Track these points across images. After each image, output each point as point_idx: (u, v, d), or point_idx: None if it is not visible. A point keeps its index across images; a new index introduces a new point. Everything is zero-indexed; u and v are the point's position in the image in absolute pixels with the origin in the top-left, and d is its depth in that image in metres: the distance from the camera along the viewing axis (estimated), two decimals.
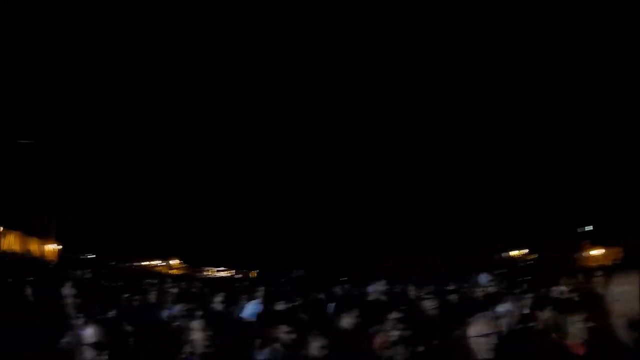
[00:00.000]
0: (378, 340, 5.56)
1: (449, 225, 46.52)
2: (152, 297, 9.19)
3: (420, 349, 5.05)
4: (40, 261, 21.99)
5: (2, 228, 45.18)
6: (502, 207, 44.01)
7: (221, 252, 65.50)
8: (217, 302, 7.94)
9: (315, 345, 4.59)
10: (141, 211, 61.33)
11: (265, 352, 5.02)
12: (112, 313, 6.01)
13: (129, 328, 4.51)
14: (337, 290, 14.27)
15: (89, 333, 2.92)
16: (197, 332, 4.51)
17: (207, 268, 67.53)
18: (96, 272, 16.13)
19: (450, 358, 4.59)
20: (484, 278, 11.20)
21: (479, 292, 9.71)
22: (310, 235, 52.85)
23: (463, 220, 46.67)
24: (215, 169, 56.15)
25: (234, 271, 67.68)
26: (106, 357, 2.84)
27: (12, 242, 49.03)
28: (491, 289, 9.61)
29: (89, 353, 2.82)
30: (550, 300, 6.27)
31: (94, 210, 57.08)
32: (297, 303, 8.86)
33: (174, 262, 69.04)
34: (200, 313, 7.24)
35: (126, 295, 8.16)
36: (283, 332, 5.03)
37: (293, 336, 4.92)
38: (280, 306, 7.90)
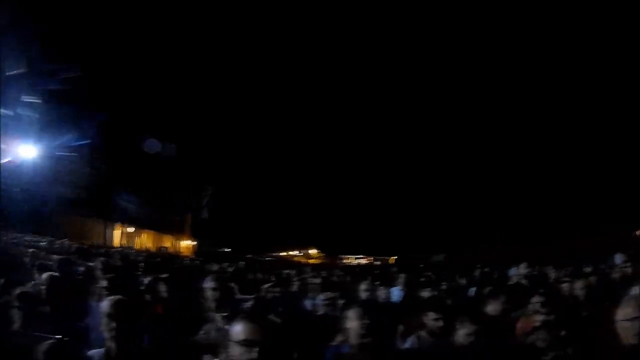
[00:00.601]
0: (521, 325, 5.35)
1: (579, 207, 44.29)
2: (294, 287, 9.28)
3: (563, 333, 4.78)
4: (175, 257, 22.57)
5: (133, 229, 48.12)
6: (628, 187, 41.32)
7: (359, 240, 66.00)
8: (362, 290, 7.60)
9: (462, 333, 4.42)
10: (277, 203, 62.80)
11: (411, 339, 4.90)
12: (255, 306, 6.07)
13: (275, 320, 4.45)
14: (477, 274, 13.93)
15: (236, 329, 2.77)
16: (349, 321, 4.32)
17: (345, 256, 68.17)
18: (235, 265, 16.42)
19: (596, 343, 4.28)
20: (619, 258, 10.92)
21: (616, 274, 9.14)
22: (449, 220, 52.08)
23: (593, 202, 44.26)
24: (351, 159, 56.47)
25: (372, 258, 68.00)
26: (255, 354, 2.65)
27: (145, 240, 52.00)
28: (628, 270, 9.00)
29: (235, 349, 2.71)
30: None
31: (230, 204, 59.03)
32: (442, 288, 8.65)
33: (312, 252, 70.33)
34: (343, 302, 7.26)
35: (267, 286, 8.20)
36: (430, 319, 4.88)
37: (440, 323, 4.75)
38: (425, 293, 7.66)
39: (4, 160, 27.58)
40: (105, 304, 3.63)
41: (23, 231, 22.64)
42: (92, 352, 3.59)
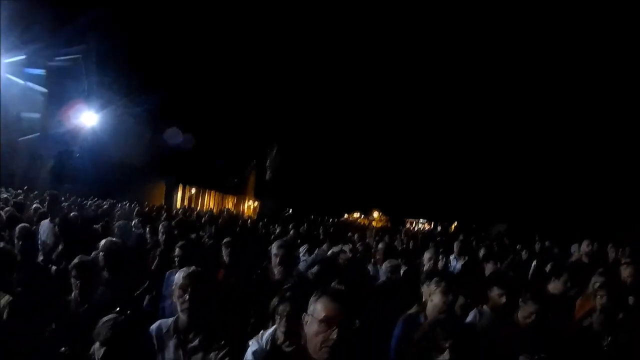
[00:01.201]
0: (580, 305, 5.42)
1: None
2: (358, 252, 9.19)
3: (620, 316, 4.74)
4: (238, 218, 22.58)
5: (193, 190, 48.42)
6: None
7: (421, 203, 65.43)
8: (426, 259, 7.38)
9: (524, 311, 4.39)
10: (341, 164, 62.52)
11: (473, 313, 4.86)
12: (320, 272, 6.09)
13: (338, 287, 4.45)
14: (537, 247, 13.68)
15: (317, 306, 2.71)
16: (432, 294, 4.36)
17: (407, 220, 67.74)
18: (298, 227, 16.39)
19: None
20: None
21: None
22: (513, 189, 50.81)
23: None
24: (417, 120, 55.51)
25: (433, 223, 67.49)
26: (335, 333, 2.59)
27: (209, 201, 52.41)
28: None
29: (314, 326, 2.67)
30: None
31: (293, 165, 59.08)
32: (505, 262, 8.53)
33: (374, 214, 70.19)
34: (405, 269, 7.25)
35: (332, 252, 8.19)
36: (494, 294, 4.81)
37: (503, 300, 4.72)
38: (489, 265, 7.54)
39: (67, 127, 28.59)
40: (178, 276, 3.66)
41: (86, 196, 23.03)
42: (161, 322, 3.64)
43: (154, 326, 3.59)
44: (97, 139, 30.42)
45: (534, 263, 9.09)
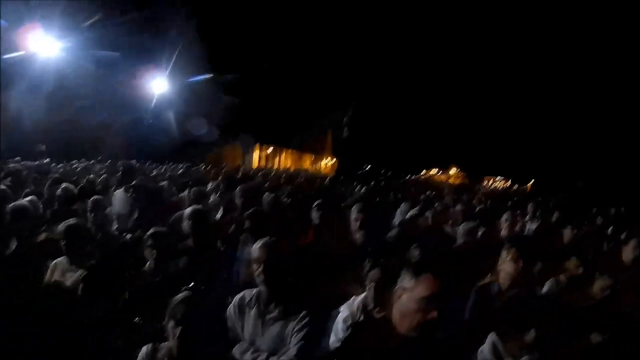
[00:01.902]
0: None
1: None
2: (436, 213, 8.96)
3: None
4: (316, 177, 22.09)
5: (270, 150, 48.15)
6: None
7: (499, 160, 63.86)
8: (503, 222, 7.14)
9: (599, 284, 4.32)
10: (418, 120, 61.38)
11: (550, 283, 4.82)
12: (398, 236, 6.04)
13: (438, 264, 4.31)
14: (612, 212, 13.26)
15: (412, 284, 2.61)
16: (503, 262, 4.16)
17: (484, 177, 66.36)
18: (375, 185, 16.10)
19: None
20: None
21: None
22: (591, 146, 48.73)
23: None
24: (495, 78, 53.74)
25: (509, 181, 66.01)
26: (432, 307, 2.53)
27: (285, 160, 51.90)
28: None
29: (406, 302, 2.60)
30: None
31: (371, 122, 58.14)
32: (583, 229, 8.31)
33: (452, 171, 69.08)
34: (483, 231, 7.14)
35: (410, 214, 8.07)
36: (571, 265, 4.81)
37: (580, 271, 4.70)
38: (567, 232, 7.27)
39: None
40: (254, 248, 3.55)
41: (161, 161, 22.88)
42: (245, 292, 3.58)
43: (237, 296, 3.57)
44: (169, 104, 30.39)
45: (610, 230, 8.90)
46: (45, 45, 21.19)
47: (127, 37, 25.32)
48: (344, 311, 3.75)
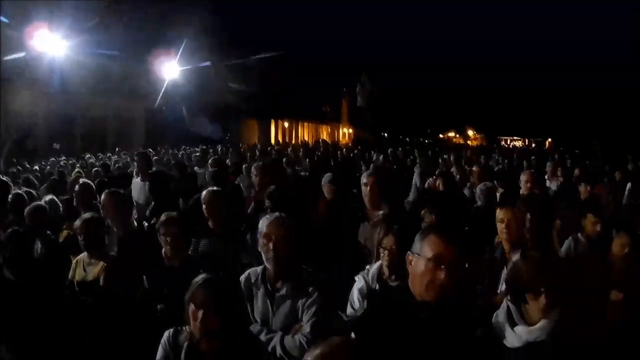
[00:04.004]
0: None
1: None
2: (453, 175, 8.57)
3: None
4: (334, 147, 21.90)
5: (286, 124, 47.46)
6: None
7: (516, 120, 63.36)
8: (523, 182, 6.66)
9: (618, 243, 4.07)
10: (433, 83, 60.75)
11: (568, 242, 4.70)
12: (418, 200, 5.86)
13: (446, 224, 4.15)
14: (631, 168, 12.89)
15: (424, 244, 2.48)
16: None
17: (502, 137, 65.72)
18: (393, 152, 15.90)
19: None
20: None
21: None
22: (607, 105, 47.99)
23: None
24: (509, 34, 53.12)
25: (526, 140, 65.33)
26: (443, 272, 2.38)
27: (303, 132, 51.61)
28: None
29: (421, 264, 2.46)
30: None
31: (386, 87, 57.59)
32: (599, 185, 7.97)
33: (469, 132, 68.48)
34: (502, 192, 6.95)
35: (430, 180, 7.91)
36: (589, 222, 4.62)
37: (598, 228, 4.53)
38: (582, 188, 7.08)
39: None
40: (261, 223, 3.41)
41: (177, 147, 22.85)
42: (250, 271, 3.48)
43: (243, 276, 3.46)
44: (181, 89, 30.08)
45: (629, 185, 8.64)
46: (55, 41, 21.19)
47: (139, 24, 25.24)
48: (359, 281, 3.66)
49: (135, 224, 5.73)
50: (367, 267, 3.77)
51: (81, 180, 7.01)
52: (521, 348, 2.47)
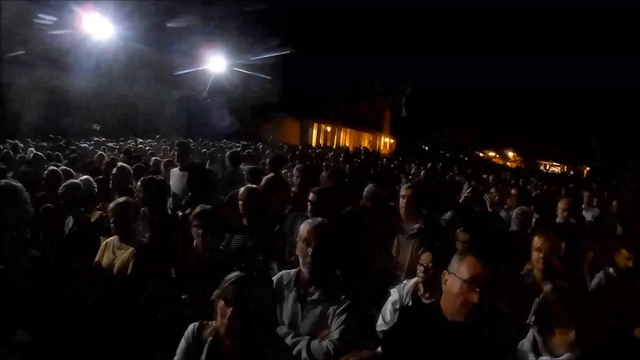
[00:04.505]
0: None
1: None
2: (491, 196, 8.69)
3: None
4: (375, 156, 21.63)
5: (329, 128, 47.25)
6: None
7: (555, 146, 62.33)
8: (560, 209, 6.73)
9: None
10: (475, 100, 60.06)
11: (599, 276, 4.62)
12: (453, 219, 5.88)
13: (485, 247, 4.10)
14: None
15: (462, 266, 2.51)
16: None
17: (541, 162, 64.79)
18: (431, 166, 15.83)
19: None
20: None
21: None
22: None
23: None
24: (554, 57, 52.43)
25: (565, 166, 64.29)
26: (476, 294, 2.40)
27: (344, 138, 51.25)
28: None
29: (457, 285, 2.51)
30: None
31: (429, 102, 57.10)
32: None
33: (509, 154, 67.62)
34: (537, 217, 6.89)
35: (466, 194, 7.87)
36: (622, 258, 4.55)
37: (630, 264, 4.47)
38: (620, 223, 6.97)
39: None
40: (303, 227, 3.37)
41: (218, 138, 22.85)
42: (283, 273, 3.47)
43: (275, 277, 3.45)
44: (226, 82, 30.26)
45: None
46: (100, 26, 21.53)
47: (186, 16, 25.43)
48: (393, 294, 3.69)
49: (170, 212, 5.81)
50: (404, 281, 3.79)
51: (119, 164, 7.09)
52: None
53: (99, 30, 21.57)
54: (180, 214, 5.93)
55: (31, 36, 19.01)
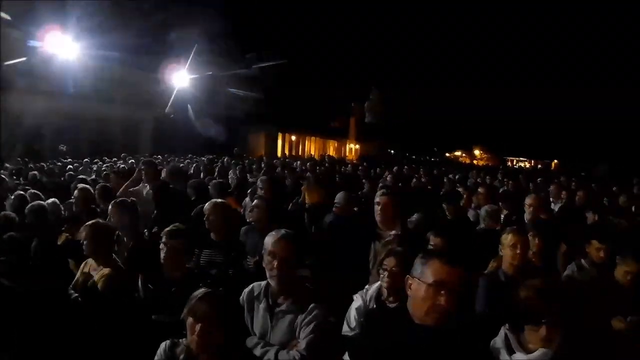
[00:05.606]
0: None
1: None
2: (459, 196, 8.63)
3: None
4: (341, 163, 21.90)
5: (294, 137, 47.23)
6: None
7: (522, 141, 63.39)
8: (527, 205, 6.63)
9: (622, 270, 4.08)
10: (441, 101, 60.87)
11: (572, 267, 4.59)
12: (420, 221, 5.81)
13: (448, 249, 4.09)
14: (637, 190, 12.86)
15: (426, 269, 2.46)
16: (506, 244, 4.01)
17: (508, 158, 65.75)
18: (398, 170, 15.89)
19: None
20: None
21: None
22: (615, 128, 47.88)
23: None
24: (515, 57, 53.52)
25: (532, 161, 65.30)
26: (444, 298, 2.37)
27: (310, 146, 51.17)
28: None
29: (421, 289, 2.43)
30: None
31: (394, 106, 57.64)
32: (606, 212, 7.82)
33: (476, 152, 68.45)
34: (506, 213, 6.87)
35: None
36: (593, 248, 4.50)
37: (602, 254, 4.43)
38: (589, 215, 6.91)
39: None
40: (267, 240, 3.33)
41: (184, 155, 23.03)
42: (254, 285, 3.43)
43: (246, 289, 3.42)
44: (191, 98, 30.45)
45: (633, 208, 8.58)
46: (64, 46, 21.46)
47: (147, 33, 25.45)
48: (356, 300, 3.63)
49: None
50: (367, 286, 3.73)
51: (80, 186, 6.97)
52: None
53: (63, 49, 21.47)
54: (147, 232, 5.89)
55: None
